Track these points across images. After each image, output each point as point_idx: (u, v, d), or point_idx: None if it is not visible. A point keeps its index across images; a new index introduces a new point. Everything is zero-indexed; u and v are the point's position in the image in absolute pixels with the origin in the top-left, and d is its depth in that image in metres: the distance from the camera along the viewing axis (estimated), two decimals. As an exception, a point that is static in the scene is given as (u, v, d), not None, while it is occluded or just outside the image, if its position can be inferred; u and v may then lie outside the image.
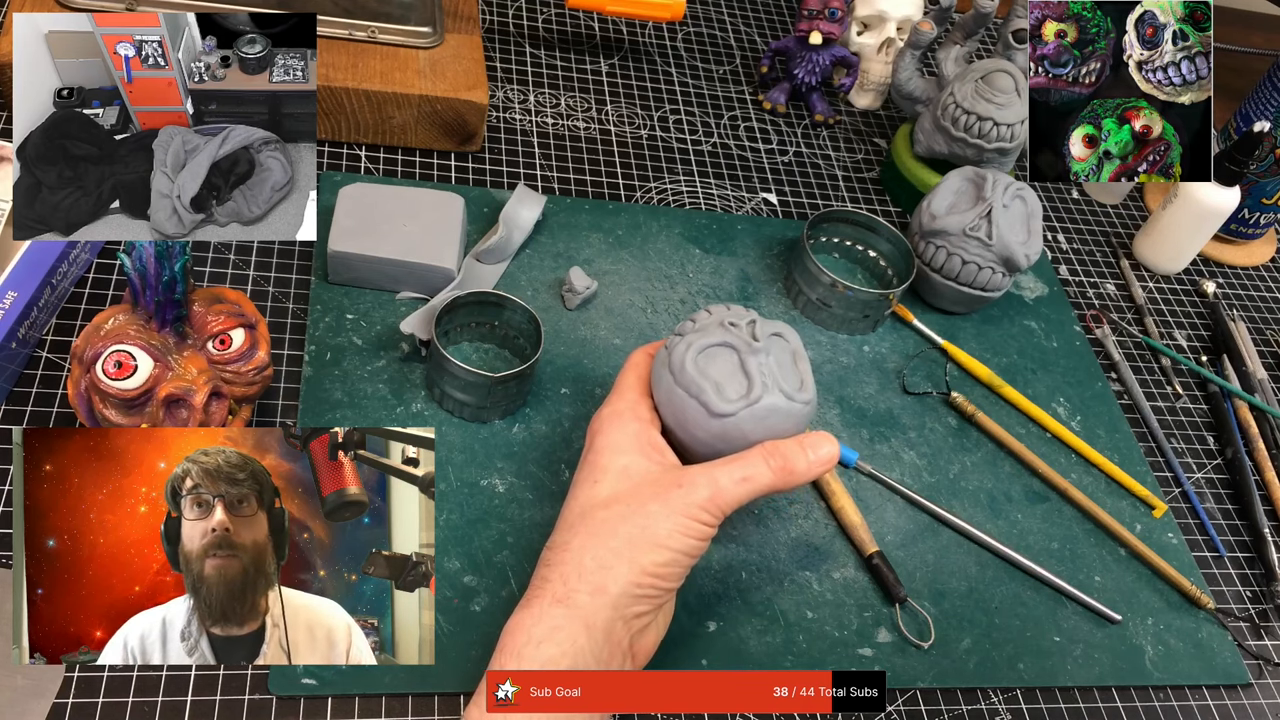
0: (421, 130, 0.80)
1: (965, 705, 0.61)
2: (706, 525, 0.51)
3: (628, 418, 0.54)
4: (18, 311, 0.59)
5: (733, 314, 0.56)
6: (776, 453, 0.52)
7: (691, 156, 0.90)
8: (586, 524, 0.50)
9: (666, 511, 0.50)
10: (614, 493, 0.51)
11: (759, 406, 0.53)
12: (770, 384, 0.54)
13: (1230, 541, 0.75)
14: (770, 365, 0.55)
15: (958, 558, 0.67)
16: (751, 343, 0.54)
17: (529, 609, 0.49)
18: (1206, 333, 0.90)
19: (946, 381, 0.77)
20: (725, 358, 0.54)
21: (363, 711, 0.53)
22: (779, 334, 0.57)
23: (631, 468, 0.52)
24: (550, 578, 0.49)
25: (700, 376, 0.53)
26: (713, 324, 0.55)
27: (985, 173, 0.79)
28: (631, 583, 0.49)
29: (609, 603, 0.48)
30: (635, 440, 0.53)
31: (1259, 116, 0.94)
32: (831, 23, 0.91)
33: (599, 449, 0.53)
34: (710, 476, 0.51)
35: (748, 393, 0.53)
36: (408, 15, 0.81)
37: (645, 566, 0.49)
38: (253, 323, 0.57)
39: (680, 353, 0.54)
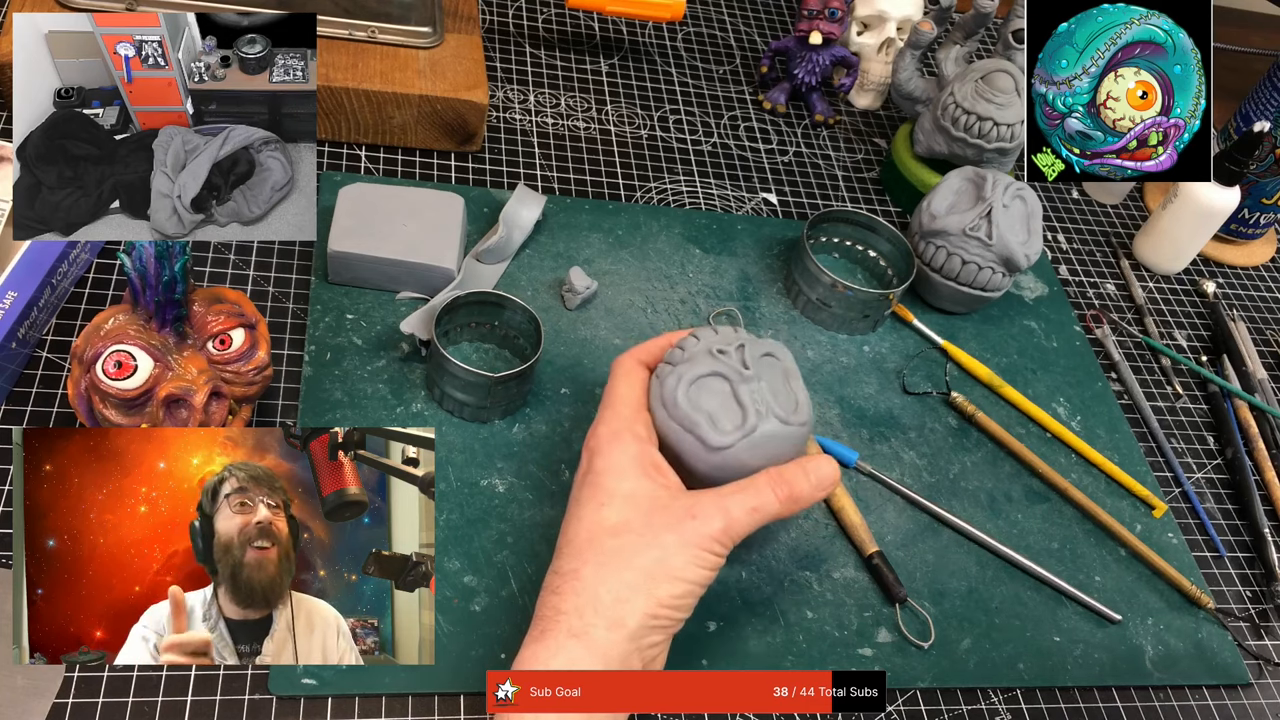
0: (421, 130, 0.80)
1: (965, 705, 0.61)
2: (718, 556, 0.51)
3: (627, 438, 0.53)
4: (18, 311, 0.59)
5: (721, 339, 0.55)
6: (782, 480, 0.52)
7: (691, 156, 0.90)
8: (597, 552, 0.50)
9: (681, 543, 0.49)
10: (623, 520, 0.50)
11: (755, 436, 0.53)
12: (764, 411, 0.53)
13: (1230, 541, 0.75)
14: (763, 391, 0.54)
15: (958, 558, 0.67)
16: (742, 371, 0.54)
17: (544, 642, 0.48)
18: (1206, 333, 0.90)
19: (946, 381, 0.77)
20: (717, 388, 0.54)
21: (363, 711, 0.53)
22: (770, 354, 0.56)
23: (638, 492, 0.51)
24: (563, 608, 0.48)
25: (693, 410, 0.53)
26: (701, 353, 0.55)
27: (985, 173, 0.79)
28: (648, 615, 0.48)
29: (626, 636, 0.48)
30: (637, 463, 0.52)
31: (1259, 116, 0.94)
32: (831, 23, 0.91)
33: (600, 470, 0.52)
34: (722, 507, 0.51)
35: (742, 423, 0.53)
36: (408, 15, 0.81)
37: (661, 599, 0.49)
38: (253, 323, 0.57)
39: (671, 386, 0.54)
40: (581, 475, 0.53)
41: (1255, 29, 1.48)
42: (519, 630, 0.57)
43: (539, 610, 0.50)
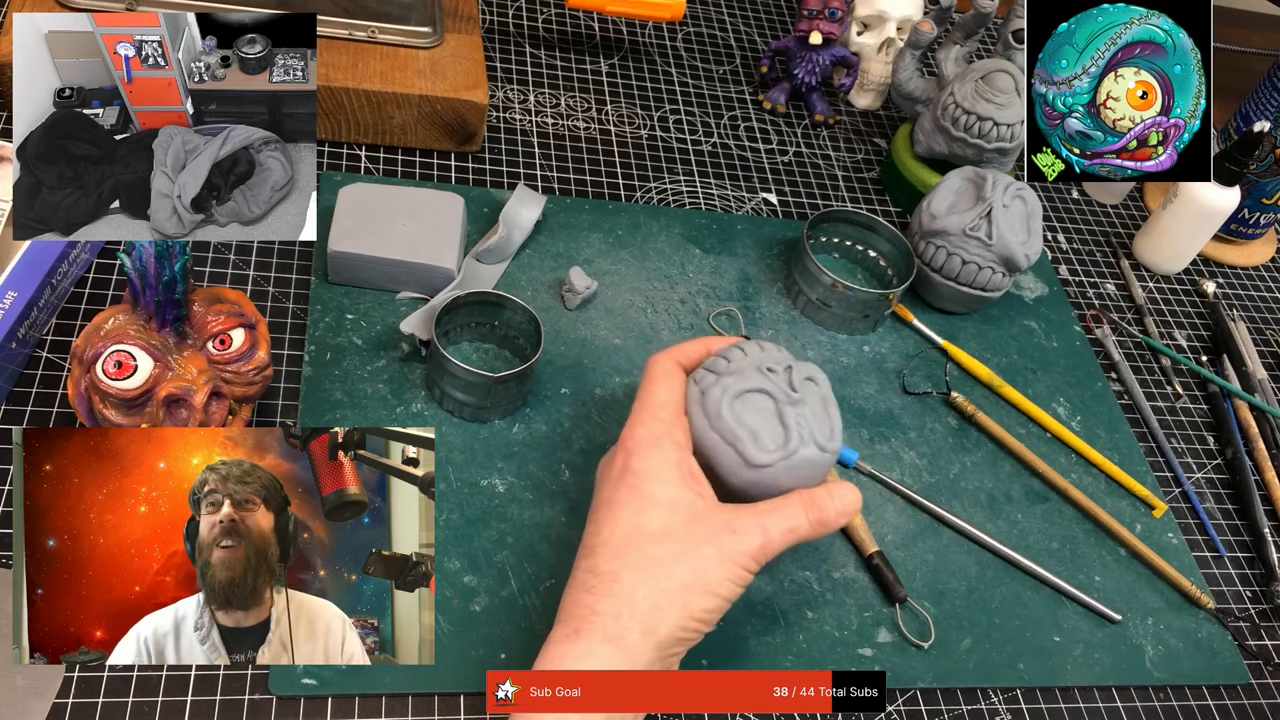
0: (421, 130, 0.80)
1: (965, 705, 0.61)
2: (750, 573, 0.51)
3: (667, 444, 0.52)
4: (18, 311, 0.59)
5: (768, 356, 0.55)
6: (815, 504, 0.53)
7: (691, 156, 0.90)
8: (636, 557, 0.49)
9: (720, 558, 0.49)
10: (664, 528, 0.50)
11: (796, 459, 0.53)
12: (806, 435, 0.53)
13: (1230, 541, 0.75)
14: (806, 416, 0.54)
15: (958, 558, 0.67)
16: (790, 393, 0.54)
17: (575, 641, 0.48)
18: (1206, 333, 0.90)
19: (946, 381, 0.77)
20: (762, 404, 0.54)
21: (363, 711, 0.53)
22: (811, 378, 0.56)
23: (679, 501, 0.51)
24: (599, 609, 0.48)
25: (737, 425, 0.53)
26: (749, 367, 0.54)
27: (985, 173, 0.79)
28: (679, 626, 0.49)
29: (655, 644, 0.48)
30: (678, 470, 0.52)
31: (1259, 116, 0.94)
32: (831, 23, 0.91)
33: (640, 473, 0.51)
34: (761, 525, 0.51)
35: (784, 444, 0.53)
36: (408, 15, 0.81)
37: (694, 612, 0.49)
38: (253, 323, 0.57)
39: (716, 397, 0.53)
40: (618, 474, 0.52)
41: (1255, 29, 1.48)
42: (519, 630, 0.57)
43: (570, 608, 0.49)
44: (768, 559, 0.51)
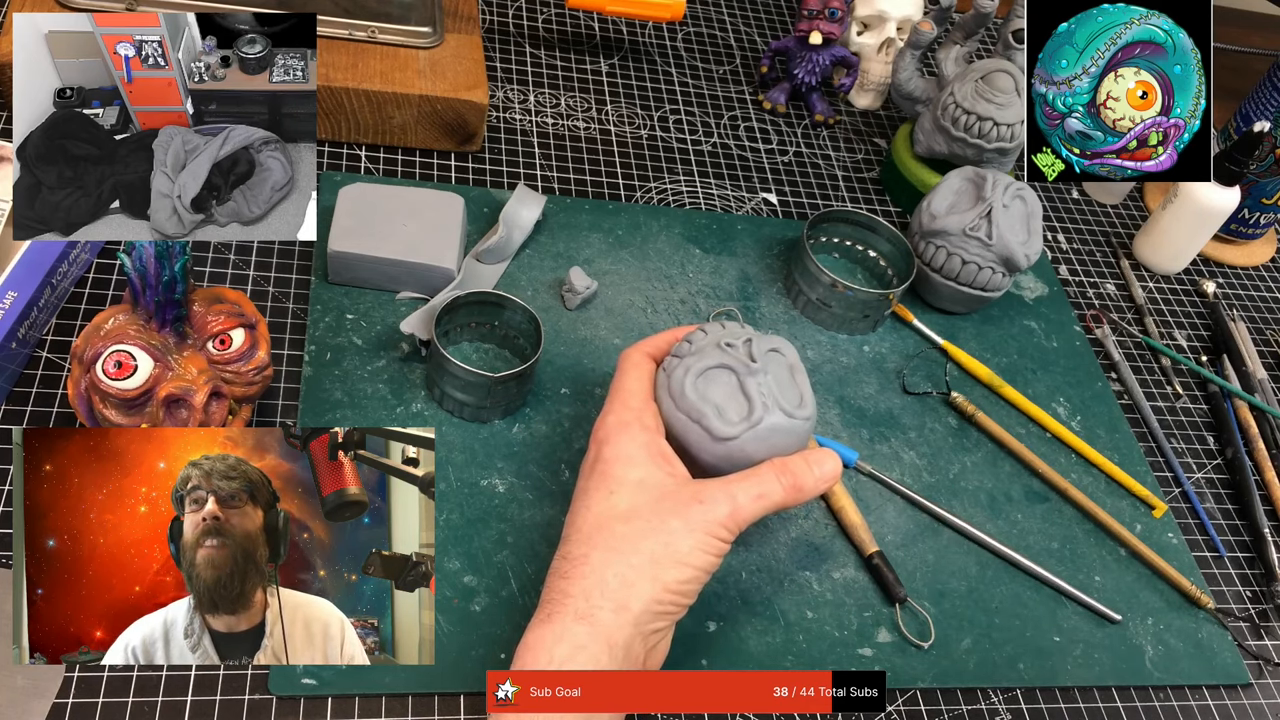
0: (421, 130, 0.80)
1: (965, 705, 0.61)
2: (724, 542, 0.51)
3: (636, 428, 0.53)
4: (18, 311, 0.59)
5: (728, 333, 0.56)
6: (787, 470, 0.53)
7: (691, 156, 0.90)
8: (605, 537, 0.50)
9: (688, 528, 0.50)
10: (632, 506, 0.51)
11: (761, 427, 0.53)
12: (770, 403, 0.54)
13: (1230, 541, 0.75)
14: (769, 384, 0.55)
15: (958, 558, 0.67)
16: (749, 363, 0.54)
17: (549, 625, 0.48)
18: (1206, 333, 0.90)
19: (946, 381, 0.77)
20: (724, 380, 0.54)
21: (363, 711, 0.53)
22: (776, 349, 0.57)
23: (647, 480, 0.52)
24: (570, 592, 0.49)
25: (700, 401, 0.53)
26: (709, 345, 0.55)
27: (985, 173, 0.79)
28: (653, 599, 0.49)
29: (630, 620, 0.48)
30: (646, 451, 0.53)
31: (1259, 116, 0.94)
32: (831, 23, 0.91)
33: (609, 459, 0.53)
34: (728, 493, 0.51)
35: (749, 414, 0.53)
36: (408, 15, 0.81)
37: (667, 584, 0.49)
38: (253, 323, 0.57)
39: (679, 377, 0.54)
40: (590, 464, 0.54)
41: (1255, 29, 1.49)
42: (519, 630, 0.57)
43: (546, 594, 0.50)
44: (741, 527, 0.51)
